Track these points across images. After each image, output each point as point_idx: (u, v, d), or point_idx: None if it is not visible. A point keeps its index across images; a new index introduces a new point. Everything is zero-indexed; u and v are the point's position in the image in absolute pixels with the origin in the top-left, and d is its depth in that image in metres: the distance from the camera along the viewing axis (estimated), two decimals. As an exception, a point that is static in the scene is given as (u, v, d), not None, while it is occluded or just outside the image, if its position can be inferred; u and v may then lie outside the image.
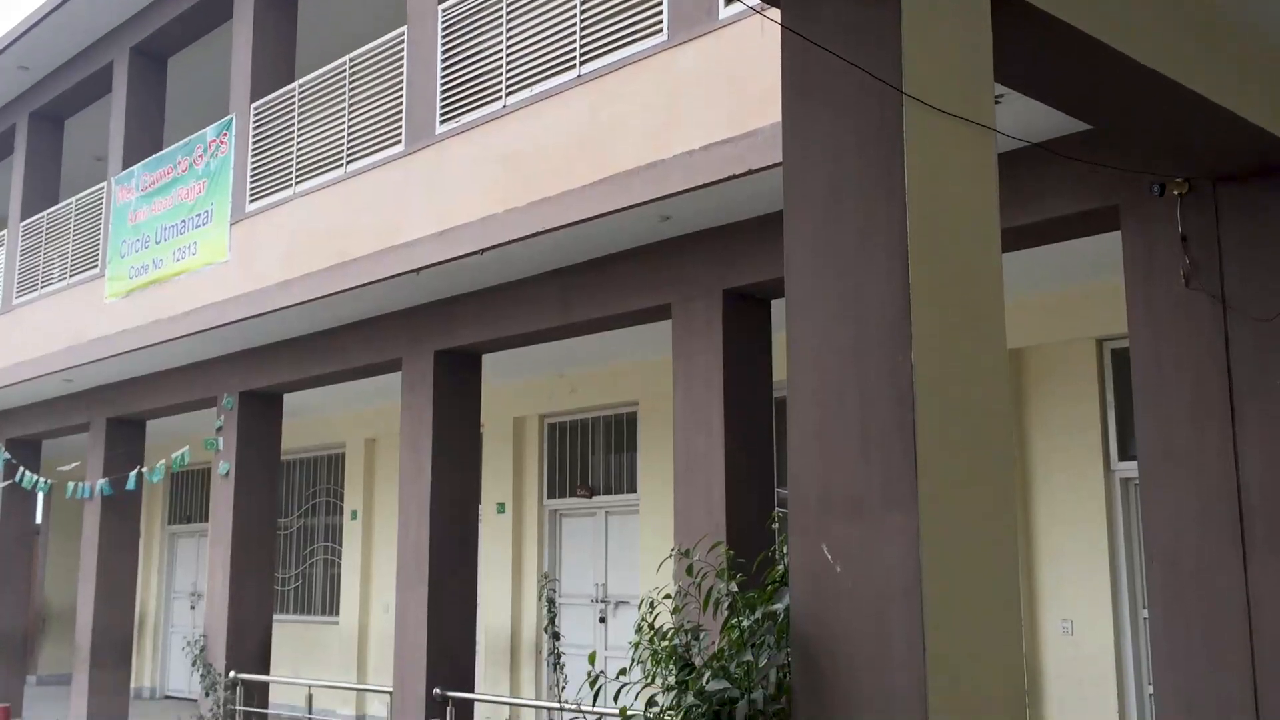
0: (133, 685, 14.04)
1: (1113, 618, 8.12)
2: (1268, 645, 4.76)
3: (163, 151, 11.66)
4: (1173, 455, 5.01)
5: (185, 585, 17.75)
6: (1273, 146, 4.80)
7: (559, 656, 7.32)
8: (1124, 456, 8.17)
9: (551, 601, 7.12)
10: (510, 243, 7.64)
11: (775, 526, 4.12)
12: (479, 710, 9.46)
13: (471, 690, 9.18)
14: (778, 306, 7.32)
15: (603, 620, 11.72)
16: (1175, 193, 5.13)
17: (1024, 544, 8.41)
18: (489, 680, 12.03)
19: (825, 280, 3.41)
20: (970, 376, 3.36)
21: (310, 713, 10.12)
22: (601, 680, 4.10)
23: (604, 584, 11.87)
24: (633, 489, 11.75)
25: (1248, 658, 4.77)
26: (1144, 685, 7.95)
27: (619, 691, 4.06)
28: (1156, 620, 5.12)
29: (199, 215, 10.79)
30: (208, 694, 10.90)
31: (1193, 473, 4.95)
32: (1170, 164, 5.10)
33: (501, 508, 12.72)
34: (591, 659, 4.21)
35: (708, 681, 3.62)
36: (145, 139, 12.43)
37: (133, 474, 12.08)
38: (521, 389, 12.32)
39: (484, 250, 7.81)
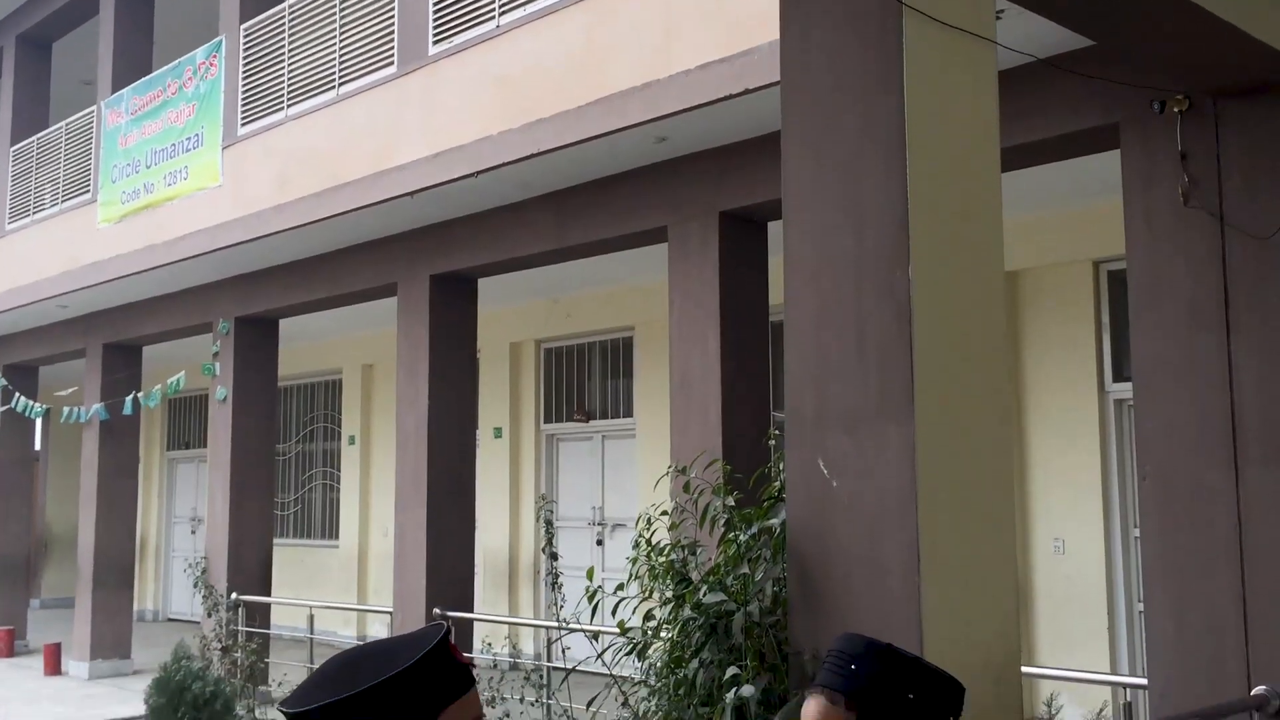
0: (135, 608, 14.19)
1: (1104, 537, 8.21)
2: (1257, 561, 4.82)
3: (152, 75, 11.51)
4: (1167, 371, 5.03)
5: (185, 510, 17.89)
6: (1276, 62, 4.75)
7: (557, 577, 7.39)
8: (1118, 378, 8.20)
9: (549, 523, 7.18)
10: (504, 165, 7.58)
11: (772, 444, 4.14)
12: (478, 630, 9.59)
13: (471, 610, 9.30)
14: (774, 230, 7.29)
15: (600, 543, 11.83)
16: (1175, 110, 5.09)
17: (1018, 464, 8.47)
18: (488, 602, 12.17)
19: (823, 195, 3.39)
20: (968, 292, 3.36)
21: (311, 633, 10.25)
22: (599, 595, 4.15)
23: (601, 507, 11.97)
24: (629, 413, 11.80)
25: (1237, 573, 4.83)
26: (1134, 603, 8.06)
27: (616, 607, 4.12)
28: (1147, 537, 5.17)
29: (189, 139, 10.68)
30: (210, 615, 11.04)
31: (1186, 389, 4.97)
32: (1171, 80, 5.05)
33: (499, 432, 12.78)
34: (589, 575, 4.27)
35: (704, 595, 3.67)
36: (134, 62, 12.26)
37: (129, 399, 12.10)
38: (517, 314, 12.31)
39: (478, 173, 7.76)
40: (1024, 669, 3.52)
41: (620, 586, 4.06)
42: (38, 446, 17.57)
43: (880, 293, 3.20)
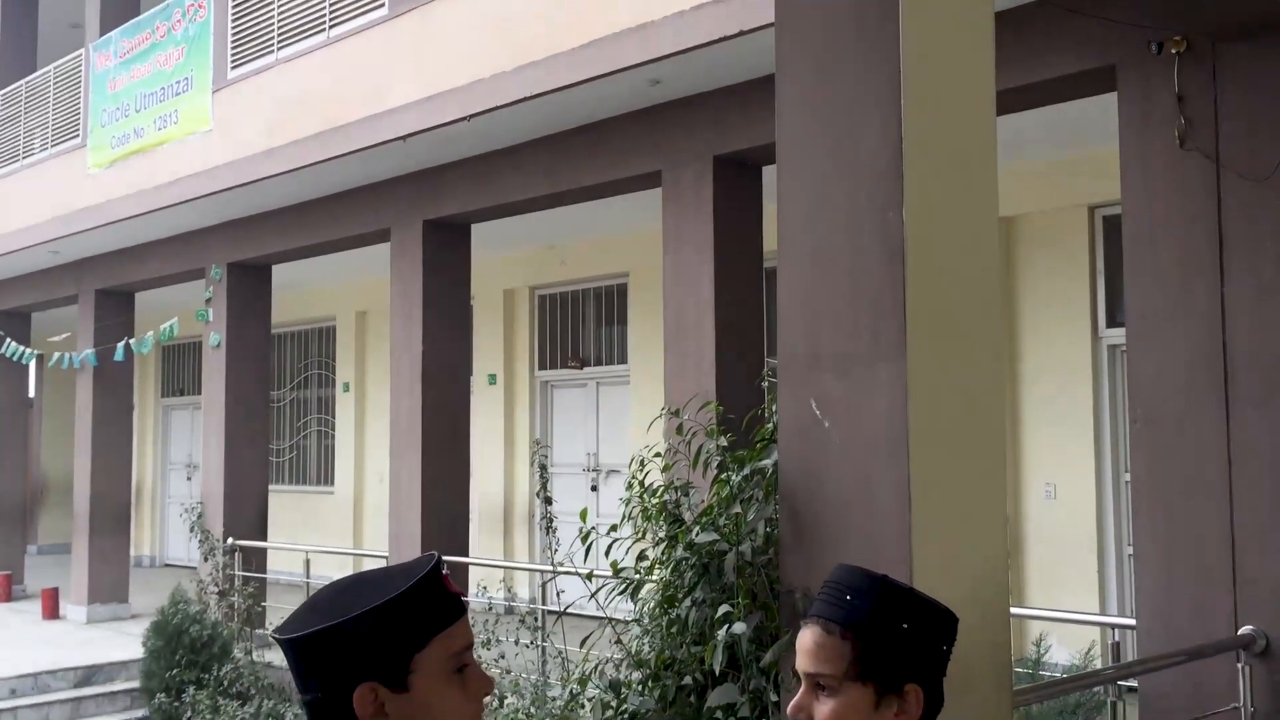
0: (132, 554, 14.27)
1: (1095, 482, 8.27)
2: (1247, 503, 4.85)
3: (140, 17, 11.38)
4: (1160, 314, 5.03)
5: (181, 457, 17.94)
6: (1275, 3, 4.71)
7: (551, 521, 7.44)
8: (1111, 324, 8.22)
9: (544, 467, 7.21)
10: (497, 109, 7.53)
11: (765, 385, 4.15)
12: (473, 574, 9.65)
13: (466, 555, 9.37)
14: (769, 174, 7.25)
15: (594, 489, 11.89)
16: (1173, 51, 5.05)
17: (1009, 409, 8.51)
18: (483, 547, 12.25)
19: (817, 137, 3.37)
20: (962, 234, 3.34)
21: (308, 578, 10.33)
22: (593, 537, 4.18)
23: (595, 453, 12.01)
24: (623, 360, 11.82)
25: (1227, 515, 4.87)
26: (1124, 547, 8.13)
27: (609, 548, 4.14)
28: (1138, 479, 5.21)
29: (179, 82, 10.58)
30: (206, 559, 11.11)
31: (1179, 331, 4.98)
32: (1169, 20, 5.01)
33: (493, 379, 12.80)
34: (583, 516, 4.29)
35: (697, 535, 3.70)
36: (122, 4, 12.12)
37: (120, 345, 12.08)
38: (511, 261, 12.28)
39: (471, 117, 7.70)
40: (1013, 610, 3.57)
41: (614, 528, 4.09)
42: (32, 393, 17.60)
43: (873, 235, 3.19)
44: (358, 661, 1.47)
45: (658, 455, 4.15)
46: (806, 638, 1.78)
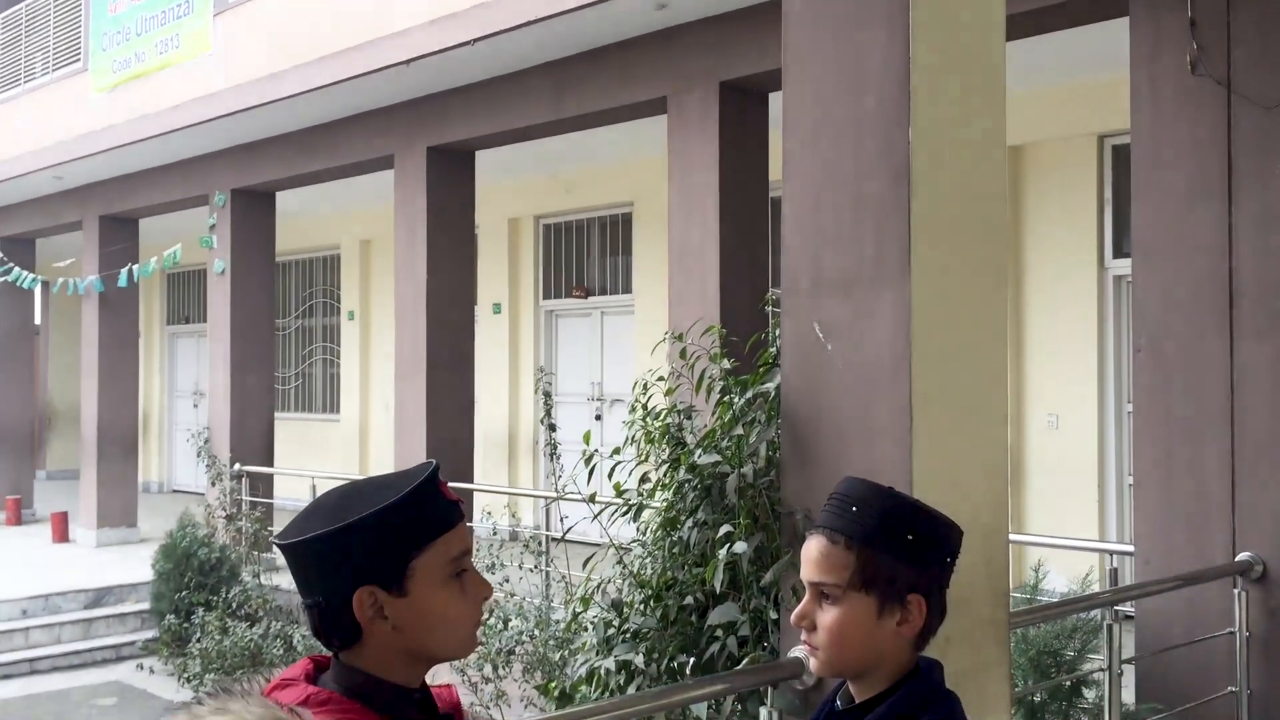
0: (140, 480, 14.39)
1: (1097, 413, 8.29)
2: (1248, 430, 4.87)
3: (140, -63, 11.21)
4: (1167, 242, 5.01)
5: (187, 385, 18.01)
6: (1291, -75, 4.63)
7: (555, 448, 7.48)
8: (1118, 254, 8.18)
9: (547, 395, 7.23)
10: (502, 32, 7.44)
11: (768, 309, 4.14)
12: (478, 500, 9.73)
13: (470, 482, 9.44)
14: (776, 102, 7.18)
15: (598, 418, 11.94)
16: (1187, -25, 4.98)
17: (1014, 339, 8.51)
18: (487, 475, 12.34)
19: (823, 55, 3.33)
20: (968, 155, 3.32)
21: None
22: (596, 460, 4.20)
23: (599, 383, 12.05)
24: (628, 290, 11.80)
25: (1227, 442, 4.89)
26: (1124, 479, 8.17)
27: (612, 470, 4.16)
28: (1139, 405, 5.22)
29: (180, 5, 10.46)
30: (214, 484, 11.20)
31: (1185, 258, 4.97)
32: (1184, -56, 4.93)
33: (498, 308, 12.79)
34: (586, 438, 4.31)
35: (699, 457, 3.72)
36: (121, -76, 11.93)
37: (124, 271, 12.07)
38: (516, 189, 12.21)
39: (475, 40, 7.62)
40: (1012, 536, 3.59)
41: (616, 451, 4.11)
42: (38, 320, 17.62)
43: (879, 154, 3.17)
44: (357, 566, 1.48)
45: (661, 379, 4.15)
46: (811, 548, 1.79)
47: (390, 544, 1.49)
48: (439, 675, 1.64)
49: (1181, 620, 5.07)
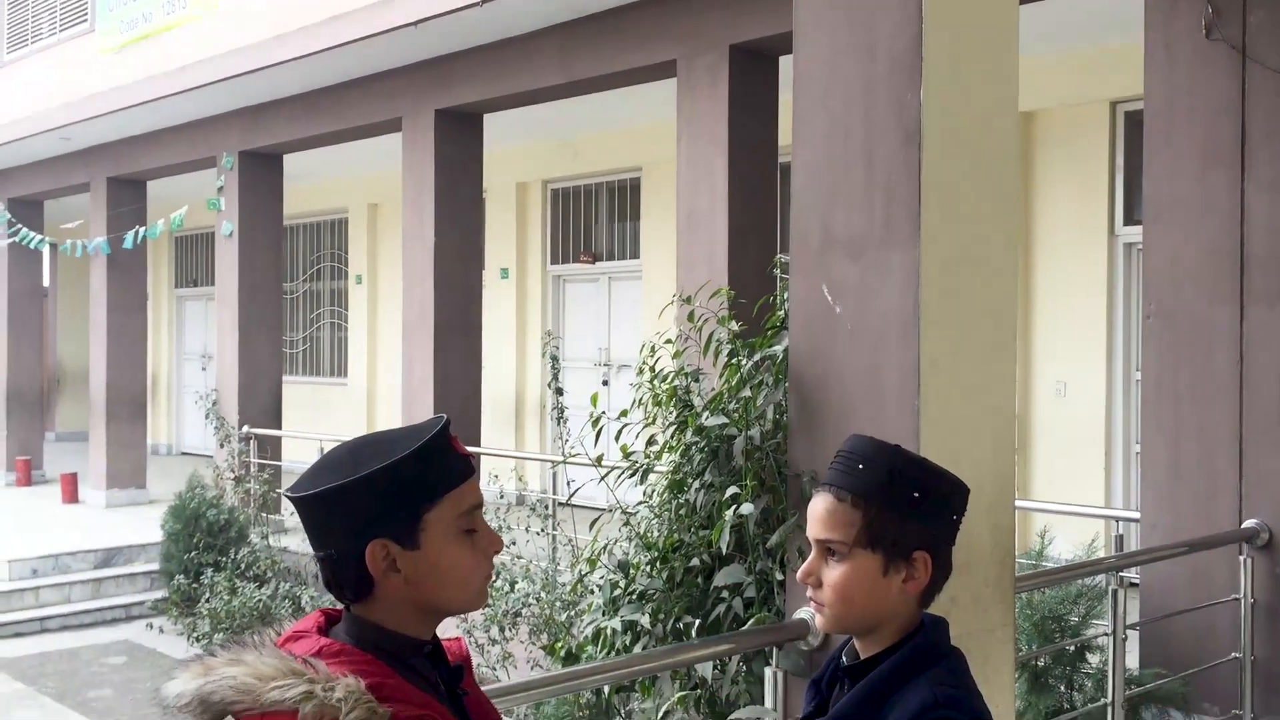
0: (149, 442, 14.46)
1: (1105, 381, 8.27)
2: (1256, 397, 4.86)
3: (147, -103, 11.14)
4: (1178, 208, 4.98)
5: (195, 348, 18.05)
6: (1310, -114, 4.57)
7: (562, 411, 7.49)
8: (1129, 222, 8.14)
9: (555, 359, 7.24)
10: (511, -7, 7.39)
11: (776, 272, 4.13)
12: (485, 464, 9.75)
13: (478, 446, 9.46)
14: (786, 66, 7.13)
15: (605, 384, 11.94)
16: (1204, -62, 4.92)
17: (1022, 306, 8.48)
18: (494, 440, 12.36)
19: (835, 13, 3.30)
20: (979, 117, 3.30)
21: (322, 466, 10.43)
22: (603, 421, 4.20)
23: (607, 348, 12.05)
24: (636, 255, 11.78)
25: (1235, 409, 4.88)
26: (1131, 447, 8.16)
27: (619, 432, 4.17)
28: (1148, 372, 5.21)
29: (189, -35, 10.40)
30: (222, 446, 11.24)
31: (1197, 224, 4.94)
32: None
33: (505, 273, 12.78)
34: (594, 400, 4.31)
35: (706, 418, 3.72)
36: (128, -117, 11.84)
37: (130, 234, 12.06)
38: (524, 153, 12.17)
39: (484, 1, 7.56)
40: (1018, 503, 3.60)
41: (623, 413, 4.11)
42: (46, 282, 17.66)
43: (890, 115, 3.15)
44: (369, 519, 1.48)
45: (669, 342, 4.15)
46: (818, 505, 1.79)
47: (403, 497, 1.49)
48: (444, 632, 1.65)
49: (1186, 587, 5.08)
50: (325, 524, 1.50)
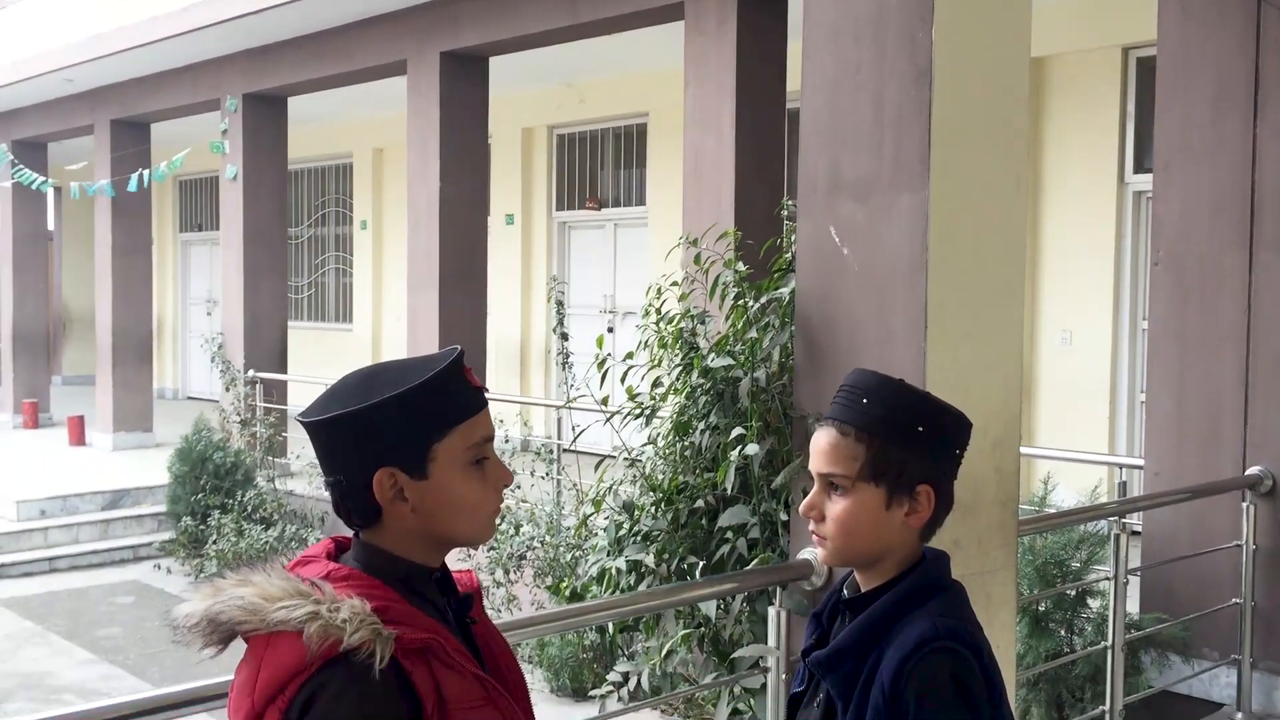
0: (155, 386, 14.49)
1: (1112, 330, 8.26)
2: (1263, 344, 4.85)
3: None
4: (1189, 154, 4.94)
5: (200, 293, 18.05)
6: None
7: (567, 357, 7.50)
8: (1139, 169, 8.09)
9: (560, 303, 7.24)
10: (518, -67, 7.30)
11: (784, 214, 4.12)
12: (489, 410, 9.77)
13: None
14: (795, 11, 7.05)
15: (610, 330, 11.94)
16: (1222, -122, 4.85)
17: (1029, 255, 8.44)
18: (499, 386, 12.39)
19: (846, -48, 3.26)
20: (991, 58, 3.26)
21: (328, 410, 10.45)
22: (609, 363, 4.21)
23: (612, 295, 12.03)
24: (641, 202, 11.73)
25: (1242, 356, 4.88)
26: (1136, 396, 8.16)
27: (624, 375, 4.17)
28: (1155, 319, 5.20)
29: (191, -96, 10.27)
30: (228, 389, 11.27)
31: (1208, 169, 4.90)
32: None
33: (510, 219, 12.73)
34: (599, 342, 4.31)
35: (712, 360, 3.72)
36: None
37: (134, 176, 12.01)
38: (530, 98, 12.08)
39: (490, -59, 7.47)
40: (1022, 449, 3.61)
41: (629, 355, 4.11)
42: (51, 226, 17.62)
43: (901, 54, 3.11)
44: (378, 447, 1.48)
45: (675, 285, 4.14)
46: (822, 439, 1.79)
47: (413, 427, 1.48)
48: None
49: (1188, 533, 5.11)
50: (334, 450, 1.50)
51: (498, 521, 1.63)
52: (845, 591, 1.85)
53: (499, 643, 1.66)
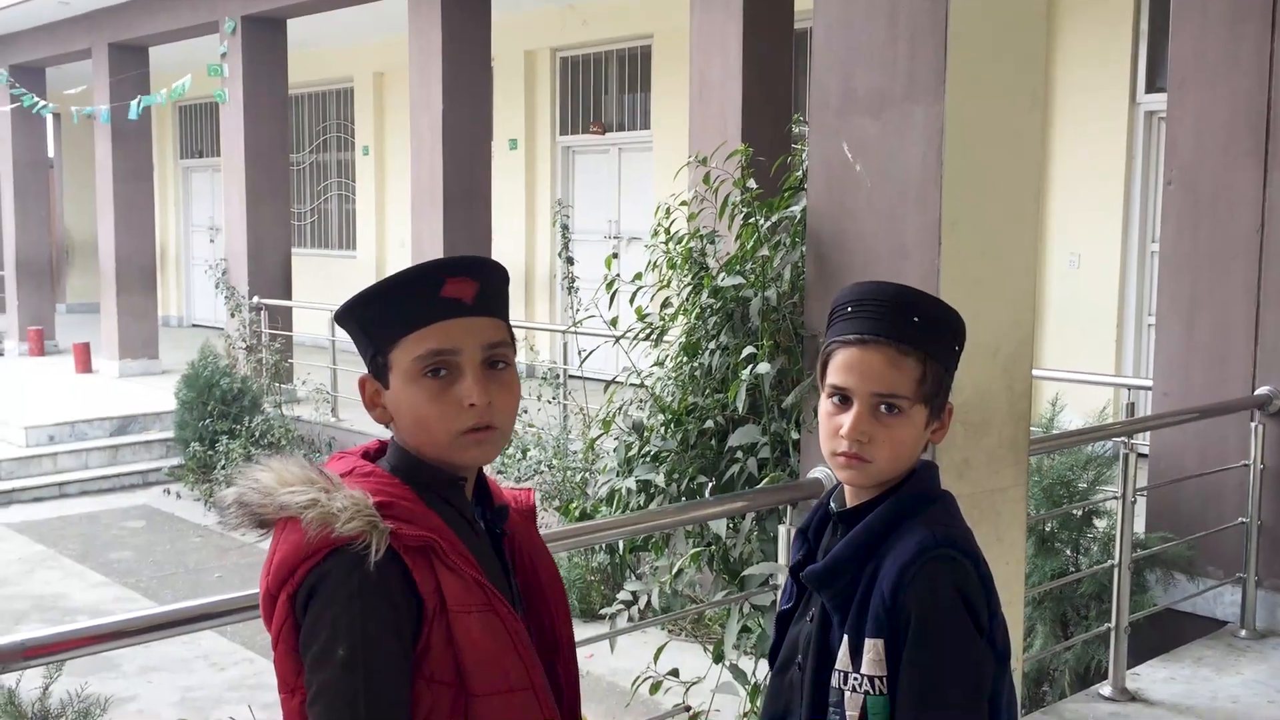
0: (160, 314, 14.48)
1: (1120, 253, 8.21)
2: (1275, 263, 4.81)
3: None
4: (1204, 70, 4.87)
5: (203, 220, 17.96)
6: None
7: (573, 281, 7.51)
8: (1151, 89, 7.98)
9: (565, 228, 7.21)
10: None
11: (794, 130, 4.06)
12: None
13: (488, 316, 9.44)
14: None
15: (615, 256, 11.85)
16: None
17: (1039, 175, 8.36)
18: (504, 312, 12.35)
19: None
20: (1007, -31, 3.20)
21: (333, 337, 10.48)
22: (617, 284, 4.18)
23: (617, 220, 11.96)
24: (646, 126, 11.60)
25: (1254, 275, 4.84)
26: (1144, 319, 8.14)
27: (633, 296, 4.15)
28: (1166, 239, 5.16)
29: None
30: (233, 316, 11.27)
31: (1222, 87, 4.83)
32: None
33: (514, 144, 12.62)
34: (608, 263, 4.28)
35: (722, 280, 3.70)
36: None
37: (133, 103, 11.88)
38: (532, 21, 11.90)
39: None
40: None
41: (638, 276, 4.08)
42: (51, 153, 17.48)
43: (917, -35, 3.05)
44: (361, 351, 1.53)
45: (684, 204, 4.09)
46: (876, 359, 1.69)
47: (369, 334, 1.52)
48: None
49: (1196, 453, 5.12)
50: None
51: (505, 447, 1.63)
52: (833, 505, 1.82)
53: (543, 559, 1.66)
